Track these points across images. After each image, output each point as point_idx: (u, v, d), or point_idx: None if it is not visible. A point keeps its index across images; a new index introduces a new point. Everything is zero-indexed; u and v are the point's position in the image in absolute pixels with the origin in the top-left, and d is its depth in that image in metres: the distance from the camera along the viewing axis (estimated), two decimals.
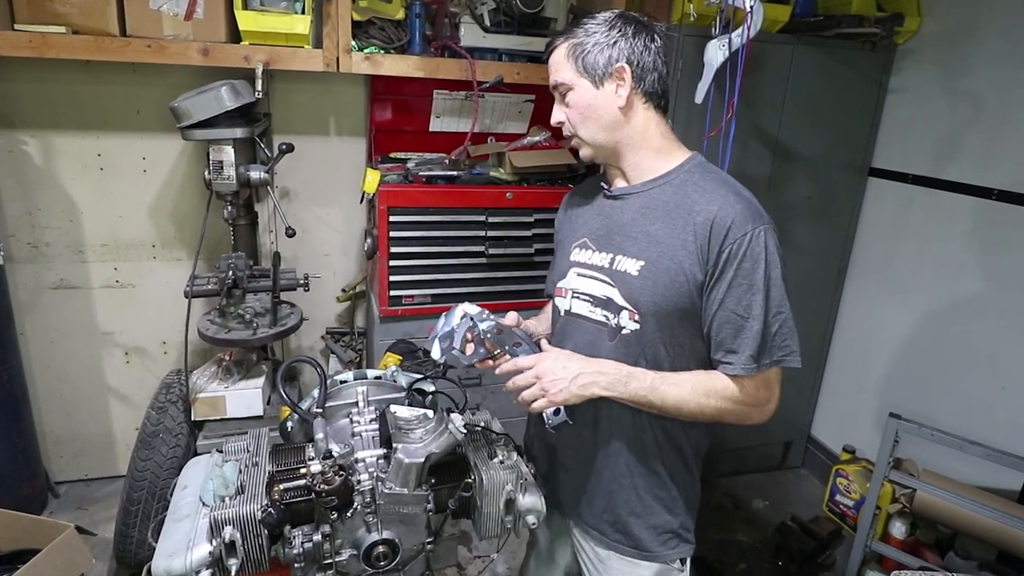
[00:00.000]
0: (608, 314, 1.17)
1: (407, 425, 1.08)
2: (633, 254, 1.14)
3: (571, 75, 1.14)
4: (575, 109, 1.16)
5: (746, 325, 1.07)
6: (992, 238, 2.23)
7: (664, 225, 1.12)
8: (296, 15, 2.03)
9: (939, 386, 2.42)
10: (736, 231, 1.05)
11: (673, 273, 1.09)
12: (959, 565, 2.10)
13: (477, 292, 2.34)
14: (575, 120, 1.16)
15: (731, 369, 1.09)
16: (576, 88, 1.14)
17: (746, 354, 1.08)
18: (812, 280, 2.73)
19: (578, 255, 1.23)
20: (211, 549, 0.96)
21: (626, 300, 1.14)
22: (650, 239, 1.13)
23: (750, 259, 1.06)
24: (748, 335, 1.07)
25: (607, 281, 1.17)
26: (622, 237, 1.17)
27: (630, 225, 1.16)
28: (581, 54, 1.13)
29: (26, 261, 2.36)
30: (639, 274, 1.12)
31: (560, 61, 1.15)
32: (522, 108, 2.56)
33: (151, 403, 2.10)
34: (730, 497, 2.82)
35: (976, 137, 2.26)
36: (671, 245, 1.10)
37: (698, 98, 1.95)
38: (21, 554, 1.75)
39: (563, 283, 1.25)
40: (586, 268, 1.21)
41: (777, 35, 2.32)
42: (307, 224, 2.60)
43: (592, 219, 1.25)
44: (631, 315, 1.14)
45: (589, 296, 1.20)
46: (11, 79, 2.18)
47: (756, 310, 1.07)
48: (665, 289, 1.10)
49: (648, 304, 1.11)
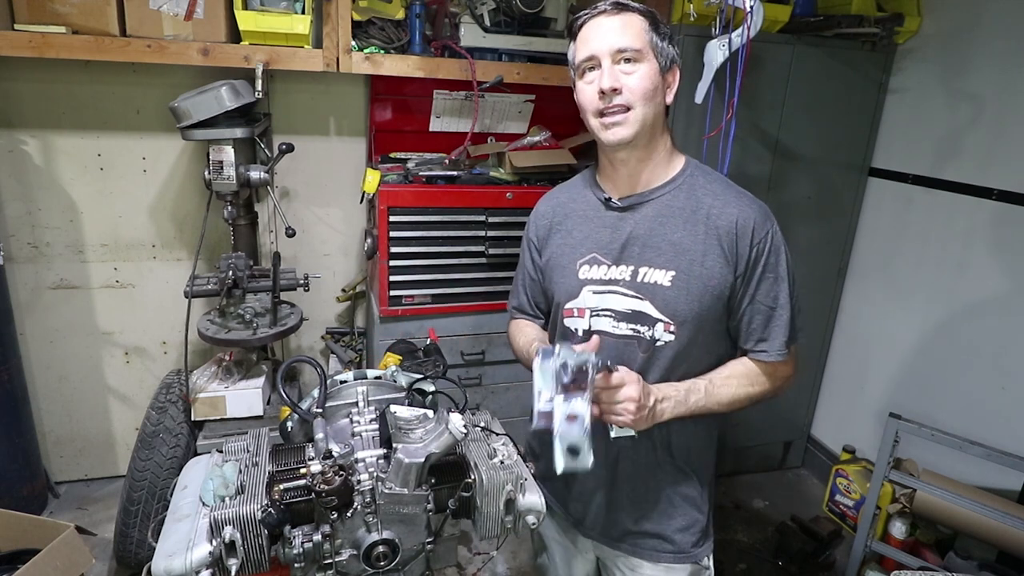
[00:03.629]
0: (638, 327, 1.15)
1: (407, 425, 1.08)
2: (661, 265, 1.13)
3: (645, 46, 1.09)
4: (641, 82, 1.08)
5: (775, 315, 1.15)
6: (992, 238, 2.23)
7: (686, 233, 1.13)
8: (296, 15, 2.03)
9: (939, 386, 2.42)
10: (759, 230, 1.12)
11: (705, 279, 1.11)
12: (959, 565, 2.10)
13: (477, 292, 2.34)
14: (637, 92, 1.08)
15: (767, 356, 1.16)
16: (647, 62, 1.09)
17: (780, 341, 1.15)
18: (812, 280, 2.73)
19: (590, 272, 1.19)
20: (211, 549, 0.96)
21: (662, 312, 1.13)
22: (676, 248, 1.12)
23: (774, 253, 1.13)
24: (779, 324, 1.15)
25: (633, 295, 1.15)
26: (643, 248, 1.15)
27: (649, 235, 1.14)
28: (657, 32, 1.10)
29: (26, 261, 2.36)
30: (672, 284, 1.12)
31: (636, 26, 1.09)
32: (522, 108, 2.56)
33: (151, 403, 2.10)
34: (730, 497, 2.82)
35: (976, 137, 2.26)
36: (699, 252, 1.12)
37: (698, 98, 1.95)
38: (21, 554, 1.75)
39: (574, 303, 1.20)
40: (603, 284, 1.17)
41: (777, 35, 2.32)
42: (307, 224, 2.60)
43: (596, 232, 1.20)
44: (667, 327, 1.13)
45: (611, 311, 1.17)
46: (11, 79, 2.18)
47: (783, 299, 1.15)
48: (700, 296, 1.12)
49: (686, 313, 1.12)
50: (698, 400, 1.12)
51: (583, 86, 1.13)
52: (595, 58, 1.09)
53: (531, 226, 1.33)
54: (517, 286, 1.40)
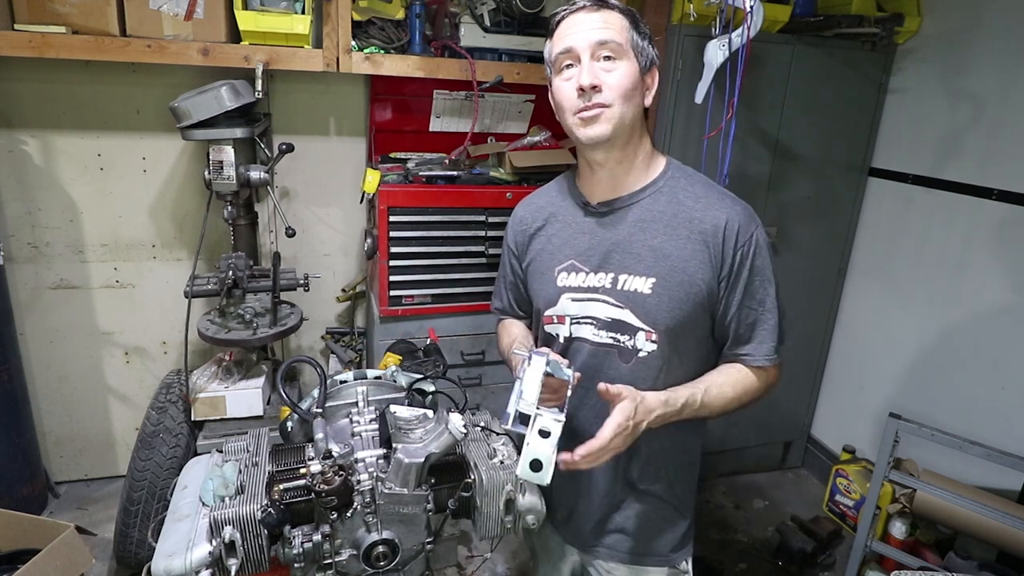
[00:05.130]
0: (618, 336, 1.13)
1: (407, 425, 1.08)
2: (640, 272, 1.10)
3: (626, 43, 1.06)
4: (621, 80, 1.05)
5: (764, 318, 1.12)
6: (992, 238, 2.23)
7: (667, 238, 1.09)
8: (296, 15, 2.03)
9: (939, 386, 2.42)
10: (744, 233, 1.08)
11: (687, 286, 1.08)
12: (959, 565, 2.10)
13: (477, 292, 2.34)
14: (616, 89, 1.05)
15: (755, 361, 1.13)
16: (627, 60, 1.06)
17: (768, 345, 1.13)
18: (812, 280, 2.73)
19: (567, 279, 1.16)
20: (211, 549, 0.96)
21: (642, 321, 1.10)
22: (656, 254, 1.09)
23: (760, 256, 1.10)
24: (767, 328, 1.12)
25: (612, 302, 1.12)
26: (622, 255, 1.12)
27: (628, 241, 1.11)
28: (638, 32, 1.08)
29: (26, 261, 2.36)
30: (652, 292, 1.09)
31: (617, 23, 1.06)
32: (522, 108, 2.56)
33: (151, 403, 2.10)
34: (730, 497, 2.82)
35: (976, 137, 2.26)
36: (680, 257, 1.09)
37: (698, 98, 1.95)
38: (21, 554, 1.74)
39: (553, 311, 1.19)
40: (581, 292, 1.15)
41: (777, 35, 2.32)
42: (307, 224, 2.60)
43: (575, 238, 1.17)
44: (648, 336, 1.10)
45: (591, 319, 1.14)
46: (11, 79, 2.18)
47: (770, 303, 1.12)
48: (681, 303, 1.09)
49: (666, 321, 1.09)
50: (690, 412, 1.08)
51: (560, 83, 1.09)
52: (573, 52, 1.06)
53: (509, 231, 1.30)
54: (500, 288, 1.38)
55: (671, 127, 2.29)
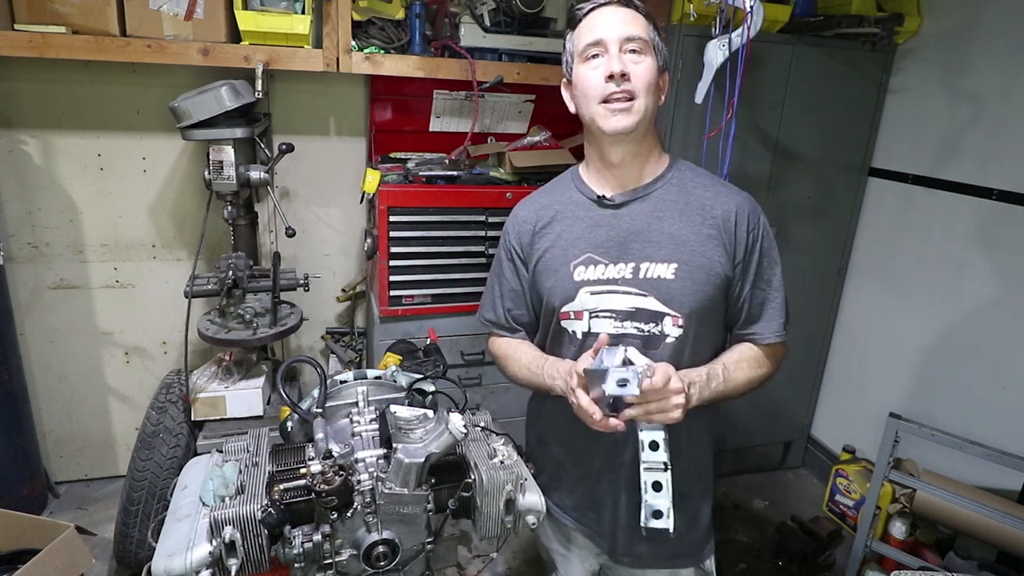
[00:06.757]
0: (642, 325, 1.14)
1: (407, 425, 1.08)
2: (662, 258, 1.13)
3: (650, 41, 1.11)
4: (647, 72, 1.09)
5: (772, 297, 1.19)
6: (992, 238, 2.23)
7: (682, 225, 1.14)
8: (296, 15, 2.03)
9: (939, 386, 2.42)
10: (752, 217, 1.16)
11: (706, 269, 1.13)
12: (959, 565, 2.10)
13: (477, 292, 2.33)
14: (643, 80, 1.09)
15: (766, 339, 1.19)
16: (651, 56, 1.11)
17: (777, 322, 1.19)
18: (812, 280, 2.73)
19: (586, 273, 1.16)
20: (211, 549, 0.96)
21: (667, 306, 1.13)
22: (675, 241, 1.13)
23: (767, 238, 1.18)
24: (776, 306, 1.19)
25: (635, 292, 1.14)
26: (642, 244, 1.14)
27: (647, 230, 1.15)
28: (656, 33, 1.13)
29: (26, 261, 2.36)
30: (676, 277, 1.12)
31: (641, 21, 1.12)
32: (522, 108, 2.56)
33: (151, 403, 2.10)
34: (730, 497, 2.82)
35: (976, 137, 2.26)
36: (697, 242, 1.13)
37: (698, 98, 1.94)
38: (21, 554, 1.74)
39: (571, 306, 1.18)
40: (601, 284, 1.16)
41: (777, 35, 2.32)
42: (307, 224, 2.60)
43: (590, 232, 1.18)
44: (675, 320, 1.13)
45: (611, 312, 1.15)
46: (11, 79, 2.18)
47: (776, 282, 1.19)
48: (703, 286, 1.13)
49: (691, 304, 1.13)
50: (717, 385, 1.11)
51: (587, 71, 1.11)
52: (603, 43, 1.09)
53: (510, 233, 1.27)
54: (492, 298, 1.32)
55: (671, 127, 2.29)
